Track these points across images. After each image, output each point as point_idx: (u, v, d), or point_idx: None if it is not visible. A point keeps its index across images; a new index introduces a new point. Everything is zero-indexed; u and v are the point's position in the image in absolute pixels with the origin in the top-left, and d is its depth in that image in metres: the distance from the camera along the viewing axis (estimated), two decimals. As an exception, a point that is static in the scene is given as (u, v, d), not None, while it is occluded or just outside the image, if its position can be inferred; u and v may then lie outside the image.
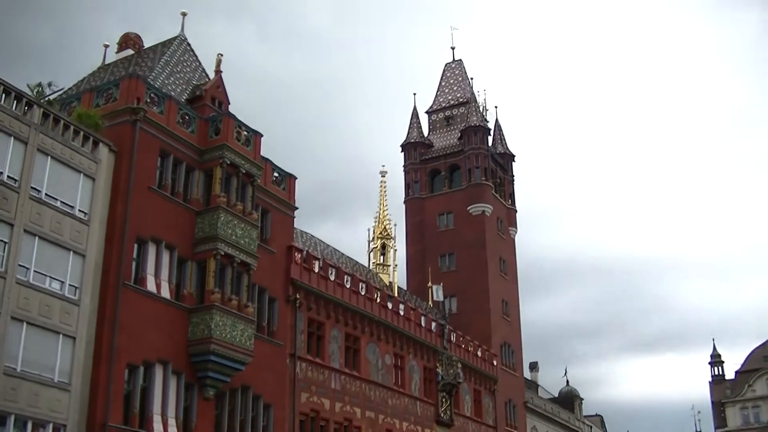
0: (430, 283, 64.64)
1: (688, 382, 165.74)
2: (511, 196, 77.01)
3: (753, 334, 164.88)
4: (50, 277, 29.05)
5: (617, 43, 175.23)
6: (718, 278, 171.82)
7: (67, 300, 29.36)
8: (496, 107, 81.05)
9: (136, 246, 32.41)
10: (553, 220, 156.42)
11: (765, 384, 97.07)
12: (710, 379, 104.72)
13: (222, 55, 39.90)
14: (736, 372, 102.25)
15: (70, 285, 29.64)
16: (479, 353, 61.01)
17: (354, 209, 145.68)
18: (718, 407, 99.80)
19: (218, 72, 39.97)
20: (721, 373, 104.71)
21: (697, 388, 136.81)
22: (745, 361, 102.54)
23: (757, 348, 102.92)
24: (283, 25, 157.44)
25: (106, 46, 42.97)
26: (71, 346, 29.20)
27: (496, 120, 79.73)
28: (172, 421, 32.11)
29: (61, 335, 28.85)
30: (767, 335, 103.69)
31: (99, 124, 32.64)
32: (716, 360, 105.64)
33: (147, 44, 43.22)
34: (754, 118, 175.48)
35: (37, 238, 28.76)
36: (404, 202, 74.34)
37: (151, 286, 32.55)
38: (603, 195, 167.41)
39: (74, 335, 29.33)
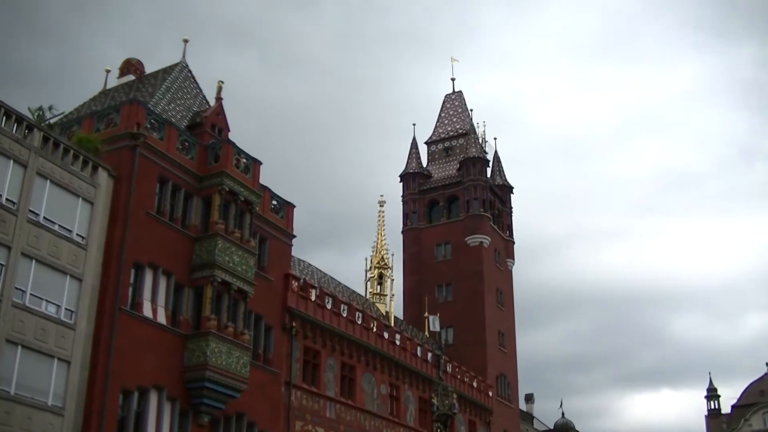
0: (426, 314, 64.35)
1: (684, 416, 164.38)
2: (509, 227, 77.17)
3: (749, 368, 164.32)
4: (46, 300, 28.94)
5: (615, 76, 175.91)
6: (714, 312, 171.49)
7: (63, 324, 29.25)
8: (495, 139, 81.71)
9: (133, 271, 32.38)
10: (550, 252, 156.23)
11: (761, 419, 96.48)
12: (706, 413, 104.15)
13: (222, 82, 40.24)
14: (733, 406, 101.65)
15: (66, 309, 29.55)
16: (475, 384, 60.80)
17: (352, 238, 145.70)
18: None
19: (219, 99, 40.22)
20: (717, 407, 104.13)
21: (694, 422, 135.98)
22: (741, 395, 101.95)
23: (753, 382, 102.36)
24: (284, 54, 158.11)
25: (108, 71, 43.13)
26: (66, 370, 29.06)
27: (495, 152, 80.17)
28: (165, 447, 31.92)
29: (55, 359, 28.73)
30: (764, 370, 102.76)
31: (99, 148, 32.67)
32: (712, 394, 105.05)
33: (148, 70, 43.38)
34: (752, 150, 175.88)
35: (34, 261, 28.70)
36: (402, 232, 74.45)
37: (147, 311, 32.50)
38: (600, 227, 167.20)
39: (69, 359, 29.20)
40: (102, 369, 29.97)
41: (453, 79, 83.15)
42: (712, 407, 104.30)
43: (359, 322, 47.22)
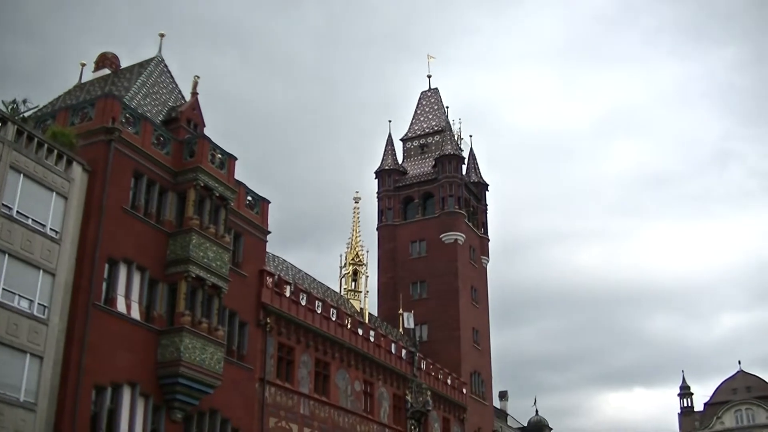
0: (401, 311, 64.59)
1: (657, 414, 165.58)
2: (484, 225, 77.28)
3: (722, 366, 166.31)
4: (19, 295, 28.67)
5: (593, 78, 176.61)
6: (688, 311, 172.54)
7: (36, 319, 29.01)
8: (470, 136, 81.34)
9: (107, 266, 32.18)
10: (526, 251, 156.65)
11: (734, 416, 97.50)
12: (679, 411, 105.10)
13: (198, 77, 40.05)
14: (705, 404, 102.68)
15: (39, 304, 29.31)
16: (449, 381, 60.91)
17: (327, 235, 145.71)
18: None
19: (194, 94, 40.07)
20: (690, 405, 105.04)
21: (667, 420, 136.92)
22: (714, 393, 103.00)
23: (726, 380, 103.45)
24: (262, 52, 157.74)
25: (83, 65, 42.72)
26: (38, 366, 28.81)
27: (471, 149, 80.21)
28: (138, 444, 31.80)
29: (28, 354, 28.47)
30: (736, 368, 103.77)
31: (73, 143, 32.42)
32: (685, 392, 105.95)
33: (124, 64, 43.06)
34: (728, 153, 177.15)
35: (6, 255, 28.42)
36: (377, 228, 74.39)
37: (121, 306, 32.32)
38: (576, 227, 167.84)
39: (42, 355, 28.96)
40: (75, 365, 29.74)
41: (429, 76, 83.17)
42: (685, 405, 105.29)
43: (334, 319, 47.19)
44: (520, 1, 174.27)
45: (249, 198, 41.46)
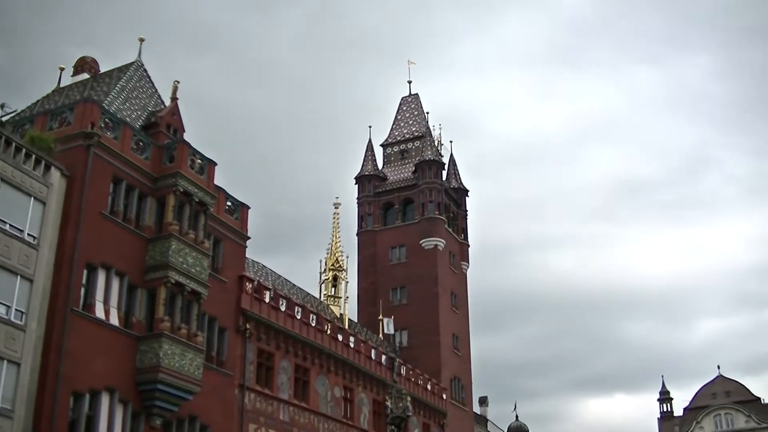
0: (381, 316, 64.49)
1: (637, 419, 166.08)
2: (464, 230, 77.27)
3: (702, 371, 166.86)
4: (-4, 301, 28.51)
5: (570, 85, 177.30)
6: (667, 317, 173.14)
7: (13, 325, 28.81)
8: (450, 142, 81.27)
9: (85, 272, 32.00)
10: (505, 257, 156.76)
11: (713, 421, 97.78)
12: (659, 416, 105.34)
13: (178, 82, 39.81)
14: (685, 409, 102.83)
15: (16, 310, 29.11)
16: (429, 387, 60.81)
17: (307, 241, 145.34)
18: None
19: (174, 99, 39.85)
20: (669, 410, 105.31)
21: (646, 425, 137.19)
22: (693, 398, 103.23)
23: (705, 385, 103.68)
24: (242, 57, 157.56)
25: (62, 69, 42.42)
26: (15, 373, 28.60)
27: (451, 155, 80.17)
28: (117, 450, 31.60)
29: (5, 361, 28.26)
30: (715, 373, 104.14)
31: (52, 147, 32.26)
32: (665, 397, 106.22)
33: (104, 69, 42.83)
34: (703, 160, 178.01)
35: (-17, 261, 28.30)
36: (357, 234, 74.27)
37: (99, 312, 32.12)
38: (554, 233, 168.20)
39: (19, 361, 28.75)
40: (53, 371, 29.53)
41: (410, 82, 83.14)
42: (665, 410, 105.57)
43: (313, 325, 47.06)
44: (499, 7, 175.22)
45: (229, 203, 41.30)
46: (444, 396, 63.50)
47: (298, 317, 45.77)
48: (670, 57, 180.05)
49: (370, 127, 79.20)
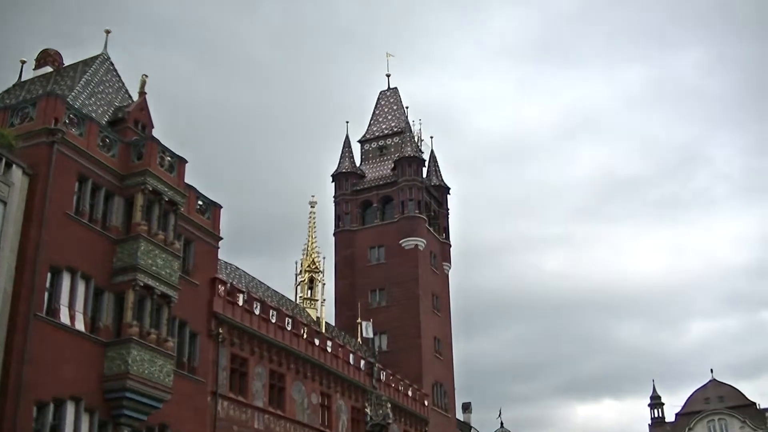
0: (359, 319, 63.63)
1: (627, 425, 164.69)
2: (446, 230, 76.39)
3: (694, 375, 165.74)
4: (-47, 306, 27.41)
5: (557, 81, 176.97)
6: (658, 319, 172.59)
7: (-28, 331, 27.69)
8: (431, 138, 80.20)
9: (49, 275, 30.97)
10: (489, 257, 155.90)
11: (705, 427, 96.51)
12: (650, 422, 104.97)
13: (147, 76, 38.91)
14: (676, 414, 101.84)
15: (-25, 315, 27.99)
16: (410, 393, 60.01)
17: (282, 241, 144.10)
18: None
19: (142, 94, 38.96)
20: (661, 415, 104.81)
21: (637, 431, 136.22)
22: (685, 403, 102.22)
23: (697, 390, 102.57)
24: (215, 49, 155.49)
25: (23, 62, 41.62)
26: (-26, 381, 27.56)
27: (432, 151, 79.29)
28: (83, 462, 30.61)
29: (-37, 369, 27.21)
30: (708, 377, 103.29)
31: (13, 144, 31.27)
32: (656, 402, 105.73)
33: (68, 62, 41.82)
34: (694, 157, 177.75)
35: (-60, 264, 27.13)
36: (334, 234, 73.23)
37: (64, 317, 31.13)
38: (541, 232, 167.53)
39: (-22, 369, 27.69)
40: (15, 379, 28.52)
41: (388, 75, 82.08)
42: (656, 415, 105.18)
43: (289, 329, 46.13)
44: (482, 1, 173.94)
45: (200, 203, 40.42)
46: (426, 402, 62.74)
47: (273, 321, 44.86)
48: (660, 52, 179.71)
49: (347, 122, 78.17)
